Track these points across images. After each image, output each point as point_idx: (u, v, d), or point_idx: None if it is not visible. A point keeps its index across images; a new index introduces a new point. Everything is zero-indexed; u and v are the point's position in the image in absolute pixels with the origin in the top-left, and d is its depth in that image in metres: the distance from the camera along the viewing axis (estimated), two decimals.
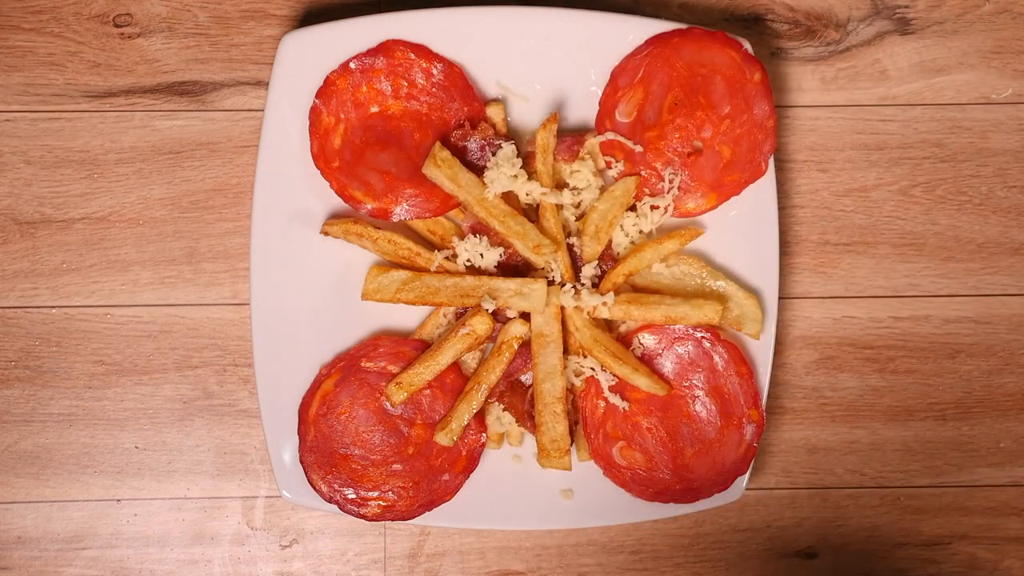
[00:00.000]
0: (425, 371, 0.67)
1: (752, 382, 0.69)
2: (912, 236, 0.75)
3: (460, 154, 0.68)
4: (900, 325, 0.75)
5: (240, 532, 0.73)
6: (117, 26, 0.73)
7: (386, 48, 0.68)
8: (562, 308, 0.68)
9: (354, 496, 0.68)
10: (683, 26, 0.69)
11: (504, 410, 0.69)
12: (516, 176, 0.67)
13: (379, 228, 0.68)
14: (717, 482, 0.69)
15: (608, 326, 0.70)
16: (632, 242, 0.70)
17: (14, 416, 0.72)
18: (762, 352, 0.69)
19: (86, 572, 0.72)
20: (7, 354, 0.72)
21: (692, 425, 0.69)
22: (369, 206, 0.68)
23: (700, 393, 0.69)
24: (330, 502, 0.68)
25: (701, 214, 0.70)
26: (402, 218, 0.69)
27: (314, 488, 0.68)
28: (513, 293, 0.67)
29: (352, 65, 0.68)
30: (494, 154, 0.68)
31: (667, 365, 0.69)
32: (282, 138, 0.68)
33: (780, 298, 0.72)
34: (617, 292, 0.68)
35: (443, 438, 0.67)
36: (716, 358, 0.69)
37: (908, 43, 0.75)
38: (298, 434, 0.68)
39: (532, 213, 0.69)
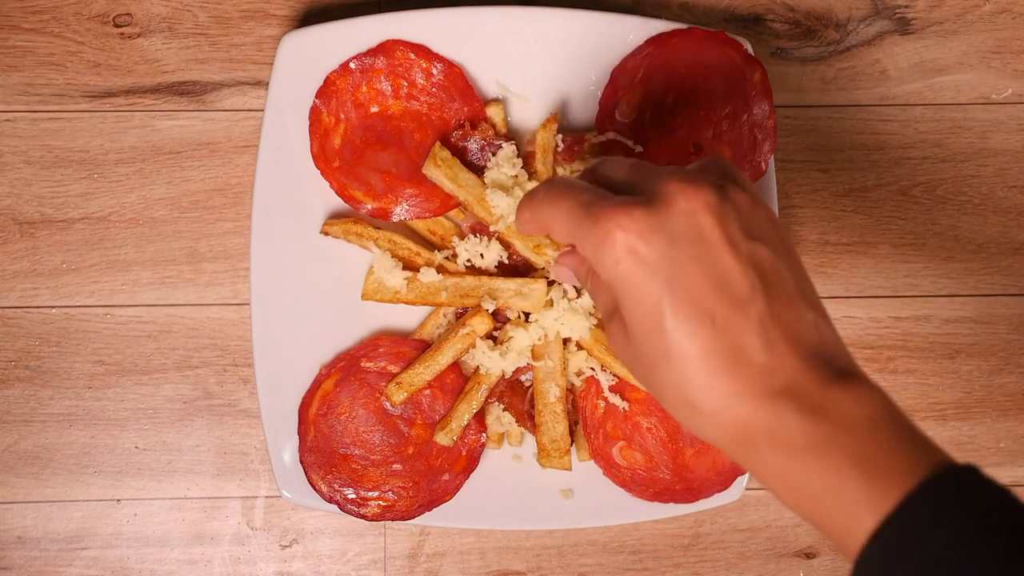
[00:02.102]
0: (425, 371, 0.67)
1: None
2: (912, 236, 0.75)
3: (460, 154, 0.68)
4: (900, 325, 0.75)
5: (240, 532, 0.73)
6: (117, 26, 0.73)
7: (386, 48, 0.68)
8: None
9: (354, 496, 0.68)
10: (683, 26, 0.69)
11: (504, 410, 0.69)
12: (516, 176, 0.67)
13: (379, 228, 0.68)
14: (717, 482, 0.69)
15: None
16: None
17: (14, 416, 0.72)
18: None
19: (86, 572, 0.72)
20: (7, 354, 0.72)
21: None
22: (369, 206, 0.68)
23: None
24: (330, 502, 0.68)
25: None
26: (402, 218, 0.69)
27: (314, 488, 0.68)
28: (513, 293, 0.67)
29: (352, 65, 0.68)
30: (494, 154, 0.68)
31: None
32: (282, 138, 0.68)
33: None
34: None
35: (443, 438, 0.67)
36: None
37: (908, 43, 0.75)
38: (298, 434, 0.68)
39: None
